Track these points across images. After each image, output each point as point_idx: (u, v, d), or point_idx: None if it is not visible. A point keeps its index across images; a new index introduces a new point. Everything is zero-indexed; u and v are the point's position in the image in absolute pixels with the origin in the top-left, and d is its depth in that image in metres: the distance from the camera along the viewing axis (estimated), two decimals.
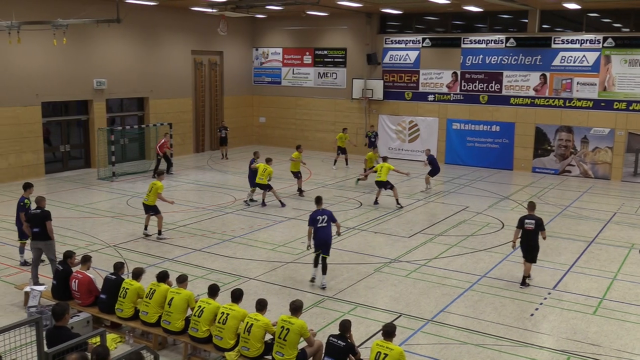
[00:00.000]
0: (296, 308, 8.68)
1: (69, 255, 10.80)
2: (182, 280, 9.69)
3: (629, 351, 10.00)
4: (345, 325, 8.42)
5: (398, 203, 19.42)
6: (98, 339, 7.21)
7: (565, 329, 10.75)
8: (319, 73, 31.33)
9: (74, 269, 10.61)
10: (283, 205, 19.03)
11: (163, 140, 23.88)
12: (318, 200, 13.14)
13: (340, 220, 17.59)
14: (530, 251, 12.68)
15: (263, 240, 15.66)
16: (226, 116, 31.24)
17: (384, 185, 19.44)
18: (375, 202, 19.74)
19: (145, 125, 26.14)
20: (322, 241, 12.46)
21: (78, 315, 10.04)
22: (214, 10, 25.12)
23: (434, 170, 22.19)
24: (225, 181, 23.22)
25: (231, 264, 13.83)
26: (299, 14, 29.75)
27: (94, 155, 24.80)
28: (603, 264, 14.31)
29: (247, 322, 8.72)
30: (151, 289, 9.80)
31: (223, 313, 8.95)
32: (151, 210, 15.78)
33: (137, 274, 10.16)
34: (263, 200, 19.28)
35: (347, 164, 26.50)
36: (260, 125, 33.25)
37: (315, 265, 12.69)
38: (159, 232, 15.66)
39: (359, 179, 22.86)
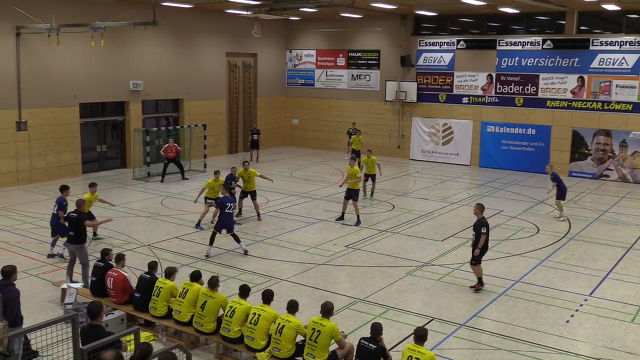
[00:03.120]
0: (327, 310, 8.66)
1: (106, 252, 11.01)
2: (214, 284, 9.70)
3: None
4: (376, 328, 8.37)
5: (369, 195, 20.69)
6: (131, 337, 7.30)
7: (602, 337, 10.51)
8: (353, 75, 31.29)
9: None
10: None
11: (166, 145, 23.11)
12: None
13: (373, 222, 17.60)
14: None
15: (295, 241, 15.68)
16: (259, 117, 31.43)
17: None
18: (370, 194, 20.76)
19: (180, 126, 26.42)
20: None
21: (113, 313, 10.19)
22: (249, 13, 25.31)
23: (562, 191, 18.42)
24: (258, 183, 23.26)
25: (263, 264, 13.88)
26: (332, 16, 29.76)
27: (130, 156, 25.17)
28: None
29: (279, 323, 8.74)
30: (184, 288, 9.89)
31: (255, 314, 8.98)
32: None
33: (170, 273, 10.27)
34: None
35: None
36: (293, 127, 33.35)
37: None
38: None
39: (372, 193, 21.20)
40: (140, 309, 10.30)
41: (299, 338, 8.80)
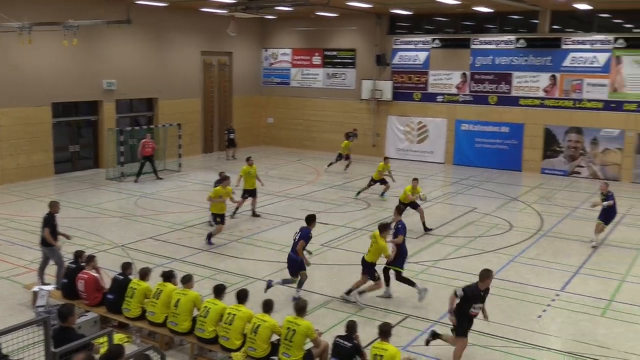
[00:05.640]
0: (300, 309, 8.68)
1: (79, 254, 10.92)
2: (187, 280, 9.72)
3: (637, 353, 9.94)
4: (351, 326, 8.42)
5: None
6: (104, 339, 7.24)
7: (573, 331, 10.69)
8: (328, 74, 31.34)
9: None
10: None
11: (144, 141, 22.82)
12: (399, 210, 13.00)
13: (348, 221, 17.65)
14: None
15: (270, 240, 15.68)
16: (235, 116, 31.32)
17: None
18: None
19: (155, 126, 26.19)
20: (405, 253, 12.21)
21: (86, 315, 10.10)
22: (224, 12, 25.21)
23: (611, 214, 15.89)
24: (233, 182, 23.18)
25: (238, 264, 13.86)
26: (308, 15, 29.77)
27: (103, 156, 24.91)
28: (612, 265, 14.22)
29: (254, 323, 8.74)
30: (158, 289, 9.84)
31: (229, 314, 8.97)
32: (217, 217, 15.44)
33: (144, 274, 10.21)
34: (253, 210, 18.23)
35: (345, 169, 25.28)
36: (268, 126, 33.29)
37: (387, 281, 12.07)
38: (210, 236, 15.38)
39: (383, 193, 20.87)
40: (114, 311, 10.22)
41: (275, 337, 8.81)
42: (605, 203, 15.64)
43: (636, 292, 12.61)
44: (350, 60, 30.68)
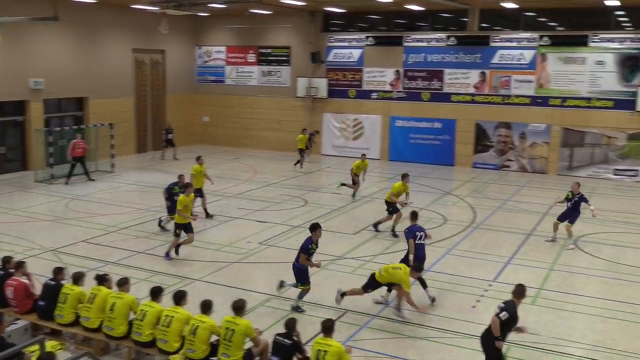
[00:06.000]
0: (238, 308, 8.64)
1: (7, 260, 10.52)
2: (123, 283, 9.52)
3: (565, 338, 10.38)
4: (290, 324, 8.44)
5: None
6: (36, 347, 7.02)
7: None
8: (263, 71, 31.24)
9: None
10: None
11: (74, 141, 22.10)
12: (414, 215, 12.68)
13: (286, 219, 17.67)
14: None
15: (207, 240, 15.52)
16: (169, 115, 30.79)
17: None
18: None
19: (85, 126, 25.45)
20: (421, 258, 12.12)
21: (16, 323, 9.74)
22: (156, 9, 24.72)
23: (577, 213, 15.84)
24: (169, 181, 22.79)
25: (175, 265, 13.67)
26: (242, 12, 29.58)
27: (32, 157, 24.04)
28: (541, 255, 14.78)
29: (193, 324, 8.64)
30: (92, 293, 9.59)
31: (167, 316, 8.84)
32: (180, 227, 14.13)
33: (77, 278, 9.93)
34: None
35: (301, 166, 25.59)
36: (204, 125, 32.90)
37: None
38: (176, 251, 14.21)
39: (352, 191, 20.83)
40: (45, 318, 9.89)
41: (214, 338, 8.74)
42: (591, 207, 15.61)
43: (563, 280, 13.15)
44: (285, 58, 30.67)
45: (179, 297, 9.07)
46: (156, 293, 9.30)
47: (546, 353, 9.89)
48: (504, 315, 8.47)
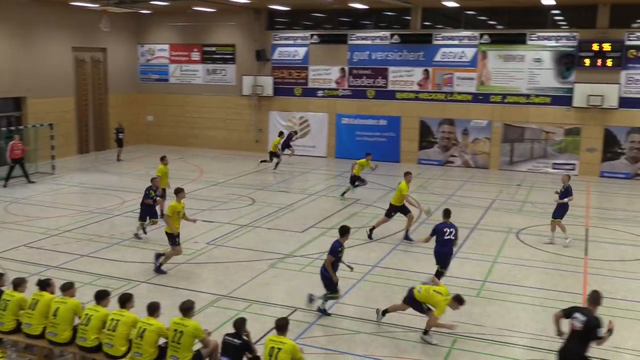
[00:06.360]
0: (186, 309, 8.55)
1: None
2: (67, 288, 9.27)
3: (509, 329, 10.68)
4: (239, 323, 8.41)
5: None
6: None
7: (452, 312, 11.23)
8: (208, 70, 30.93)
9: None
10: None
11: (12, 143, 21.27)
12: (447, 213, 12.52)
13: (234, 218, 17.56)
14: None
15: (154, 241, 15.27)
16: (111, 115, 30.13)
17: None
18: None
19: (24, 127, 24.64)
20: (447, 254, 12.12)
21: None
22: (96, 6, 24.18)
23: (565, 208, 15.74)
24: (113, 183, 22.41)
25: (120, 268, 13.40)
26: (185, 10, 29.21)
27: None
28: (484, 248, 15.16)
29: (140, 327, 8.50)
30: (34, 299, 9.31)
31: (113, 320, 8.67)
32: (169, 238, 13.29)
33: (18, 284, 9.62)
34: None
35: (275, 168, 25.06)
36: (148, 124, 32.34)
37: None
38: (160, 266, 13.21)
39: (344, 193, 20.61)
40: None
41: (162, 340, 8.62)
42: (566, 200, 15.53)
43: (506, 272, 13.52)
44: (230, 56, 30.45)
45: (125, 300, 8.90)
46: (101, 296, 9.11)
47: (491, 344, 10.15)
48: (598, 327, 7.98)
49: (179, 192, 13.44)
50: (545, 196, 20.97)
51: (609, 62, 24.32)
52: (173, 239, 13.12)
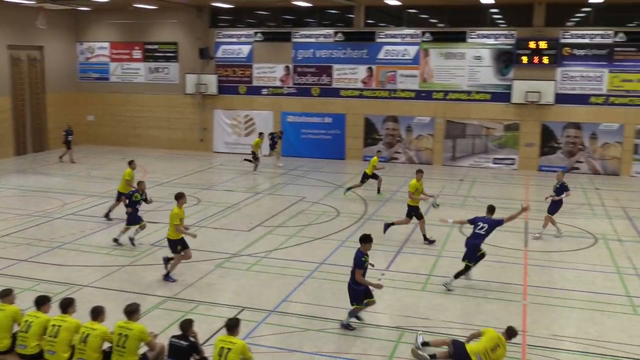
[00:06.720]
0: (131, 312, 8.41)
1: None
2: (6, 294, 8.96)
3: (454, 321, 10.91)
4: (186, 325, 8.33)
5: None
6: None
7: (399, 307, 11.47)
8: (150, 68, 30.40)
9: None
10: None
11: None
12: (489, 209, 12.69)
13: None
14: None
15: (97, 244, 14.95)
16: (50, 115, 29.27)
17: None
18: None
19: None
20: (475, 245, 12.32)
21: None
22: (32, 2, 23.43)
23: (559, 204, 16.23)
24: (53, 185, 21.79)
25: (62, 272, 13.05)
26: (126, 7, 28.63)
27: None
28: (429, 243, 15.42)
29: (83, 332, 8.31)
30: None
31: (54, 326, 8.44)
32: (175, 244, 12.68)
33: None
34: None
35: (254, 170, 24.68)
36: (89, 124, 31.56)
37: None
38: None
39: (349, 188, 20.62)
40: None
41: (106, 345, 8.45)
42: (563, 195, 16.00)
43: (451, 266, 13.76)
44: (172, 54, 30.01)
45: (66, 305, 8.68)
46: (41, 302, 8.85)
47: (437, 337, 10.33)
48: None
49: (180, 197, 12.89)
50: (486, 190, 21.54)
51: (545, 60, 25.12)
52: (175, 246, 12.64)
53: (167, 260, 12.72)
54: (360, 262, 10.32)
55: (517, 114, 25.90)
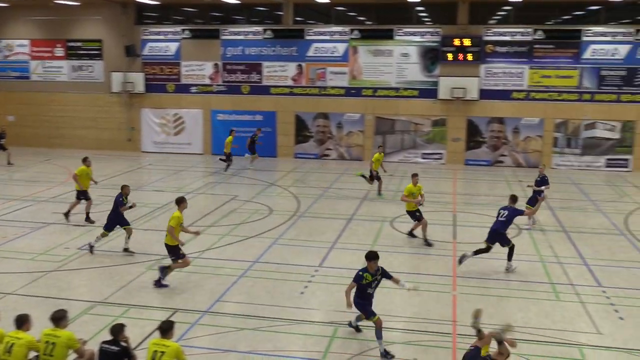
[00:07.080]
0: (58, 318, 8.14)
1: None
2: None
3: (387, 314, 11.05)
4: (117, 329, 8.13)
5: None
6: None
7: (332, 302, 11.57)
8: (74, 66, 29.44)
9: None
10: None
11: None
12: (512, 198, 13.66)
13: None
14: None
15: (20, 250, 14.37)
16: None
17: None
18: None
19: None
20: (493, 231, 13.33)
21: None
22: None
23: (534, 197, 16.75)
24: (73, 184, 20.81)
25: None
26: (46, 3, 27.59)
27: None
28: (361, 238, 15.63)
29: (7, 342, 7.98)
30: None
31: None
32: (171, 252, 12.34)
33: None
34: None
35: (225, 170, 24.19)
36: (9, 125, 30.22)
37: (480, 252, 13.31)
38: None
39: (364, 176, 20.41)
40: None
41: (32, 354, 8.15)
42: (543, 188, 16.73)
43: (383, 260, 13.89)
44: (96, 52, 29.16)
45: None
46: None
47: (370, 330, 10.49)
48: None
49: (181, 201, 12.46)
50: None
51: (470, 57, 25.88)
52: (177, 252, 12.24)
53: (163, 269, 12.28)
54: (357, 276, 10.13)
55: (444, 109, 26.57)
